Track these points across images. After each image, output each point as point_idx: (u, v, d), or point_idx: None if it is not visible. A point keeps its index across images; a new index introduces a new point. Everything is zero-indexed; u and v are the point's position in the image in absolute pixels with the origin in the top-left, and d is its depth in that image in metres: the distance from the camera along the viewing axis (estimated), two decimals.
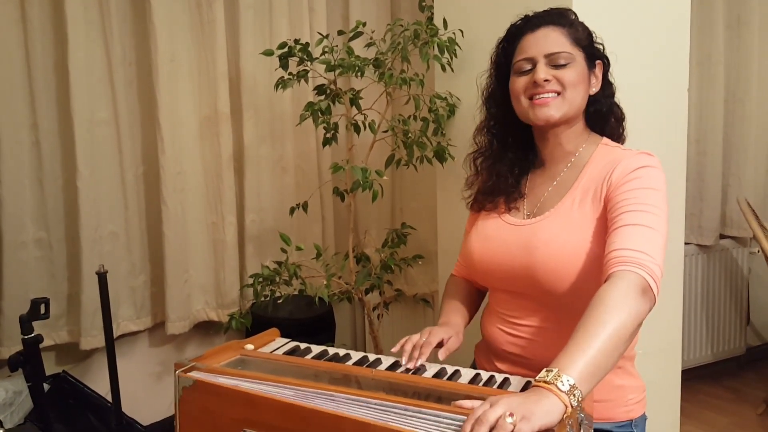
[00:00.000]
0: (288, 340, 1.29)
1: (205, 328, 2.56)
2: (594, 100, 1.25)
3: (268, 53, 2.04)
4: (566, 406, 0.85)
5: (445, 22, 1.99)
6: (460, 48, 1.98)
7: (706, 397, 3.01)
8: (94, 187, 2.25)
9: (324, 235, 2.68)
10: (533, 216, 1.24)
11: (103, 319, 1.91)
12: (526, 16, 1.26)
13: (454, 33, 1.97)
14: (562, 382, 0.87)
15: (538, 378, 0.89)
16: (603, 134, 1.28)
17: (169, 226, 2.35)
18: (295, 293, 2.17)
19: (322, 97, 2.09)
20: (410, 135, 2.06)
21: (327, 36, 2.03)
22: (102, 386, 2.24)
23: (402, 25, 2.00)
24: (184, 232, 2.40)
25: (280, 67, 2.03)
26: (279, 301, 2.11)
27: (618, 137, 1.30)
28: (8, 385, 2.11)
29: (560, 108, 1.19)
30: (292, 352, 1.23)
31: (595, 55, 1.25)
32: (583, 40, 1.22)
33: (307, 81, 2.12)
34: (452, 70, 2.02)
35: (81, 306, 2.25)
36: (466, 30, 1.98)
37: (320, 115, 2.04)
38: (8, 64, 2.14)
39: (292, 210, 2.27)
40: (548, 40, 1.19)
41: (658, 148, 1.44)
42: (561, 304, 1.16)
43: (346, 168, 1.97)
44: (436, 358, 1.20)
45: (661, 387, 1.97)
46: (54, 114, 2.22)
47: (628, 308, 0.96)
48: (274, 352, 1.23)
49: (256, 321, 2.23)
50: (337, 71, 2.01)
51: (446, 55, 1.98)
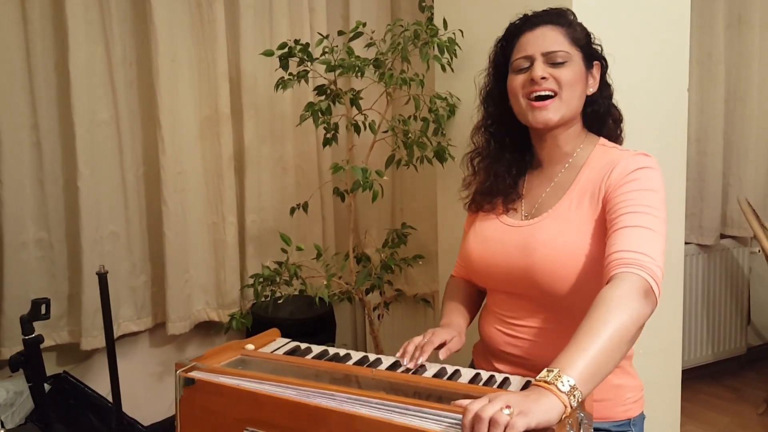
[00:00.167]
0: (288, 340, 1.29)
1: (205, 329, 2.56)
2: (591, 100, 1.25)
3: (269, 53, 2.04)
4: (566, 407, 0.85)
5: (445, 23, 1.99)
6: (460, 48, 1.98)
7: (706, 397, 3.01)
8: (94, 187, 2.25)
9: (324, 235, 2.68)
10: (531, 217, 1.24)
11: (104, 319, 1.92)
12: (525, 15, 1.26)
13: (453, 33, 1.97)
14: (562, 382, 0.87)
15: (538, 378, 0.89)
16: (600, 135, 1.28)
17: (170, 226, 2.35)
18: (296, 293, 2.17)
19: (323, 98, 2.09)
20: (410, 135, 2.06)
21: (327, 36, 2.03)
22: (103, 386, 2.24)
23: (402, 26, 2.00)
24: (185, 232, 2.40)
25: (280, 67, 2.03)
26: (279, 302, 2.11)
27: (616, 138, 1.30)
28: (9, 386, 2.11)
29: (558, 111, 1.19)
30: (293, 352, 1.23)
31: (593, 56, 1.25)
32: (581, 40, 1.22)
33: (307, 81, 2.12)
34: (452, 70, 2.02)
35: (82, 306, 2.25)
36: (466, 30, 1.98)
37: (320, 116, 2.04)
38: (9, 65, 2.14)
39: (292, 210, 2.27)
40: (546, 39, 1.20)
41: (658, 148, 1.44)
42: (559, 305, 1.16)
43: (347, 168, 1.97)
44: (436, 358, 1.20)
45: (662, 387, 1.97)
46: (54, 114, 2.22)
47: (630, 310, 0.96)
48: (275, 352, 1.23)
49: (256, 321, 2.23)
50: (338, 71, 2.01)
51: (446, 55, 1.98)
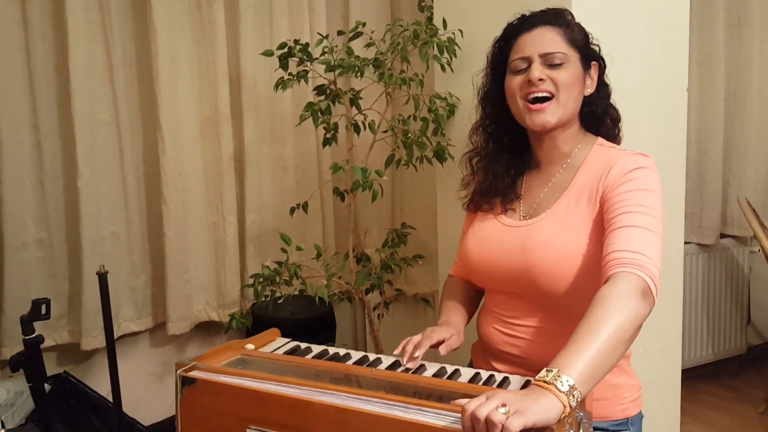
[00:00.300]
0: (288, 339, 1.29)
1: (205, 329, 2.56)
2: (589, 101, 1.25)
3: (268, 54, 2.04)
4: (565, 406, 0.85)
5: (444, 23, 1.99)
6: (459, 48, 1.99)
7: (707, 397, 3.02)
8: (95, 187, 2.25)
9: (324, 235, 2.68)
10: (529, 217, 1.24)
11: (104, 319, 1.92)
12: (523, 15, 1.26)
13: (453, 33, 1.97)
14: (561, 382, 0.87)
15: (537, 377, 0.89)
16: (599, 134, 1.28)
17: (170, 226, 2.35)
18: (296, 293, 2.17)
19: (322, 98, 2.09)
20: (410, 135, 2.06)
21: (327, 36, 2.04)
22: (103, 387, 2.24)
23: (402, 26, 2.00)
24: (185, 232, 2.41)
25: (280, 67, 2.04)
26: (279, 301, 2.11)
27: (614, 138, 1.30)
28: (9, 386, 2.11)
29: (555, 113, 1.19)
30: (293, 351, 1.23)
31: (591, 56, 1.25)
32: (579, 41, 1.22)
33: (307, 81, 2.12)
34: (452, 70, 2.02)
35: (82, 306, 2.25)
36: (466, 30, 1.98)
37: (320, 116, 2.04)
38: (9, 65, 2.14)
39: (292, 210, 2.27)
40: (544, 40, 1.20)
41: (657, 148, 1.44)
42: (557, 305, 1.17)
43: (346, 168, 1.97)
44: (436, 356, 1.20)
45: (661, 386, 1.97)
46: (55, 115, 2.23)
47: (628, 310, 0.96)
48: (275, 352, 1.23)
49: (256, 321, 2.23)
50: (337, 71, 2.02)
51: (446, 55, 1.98)
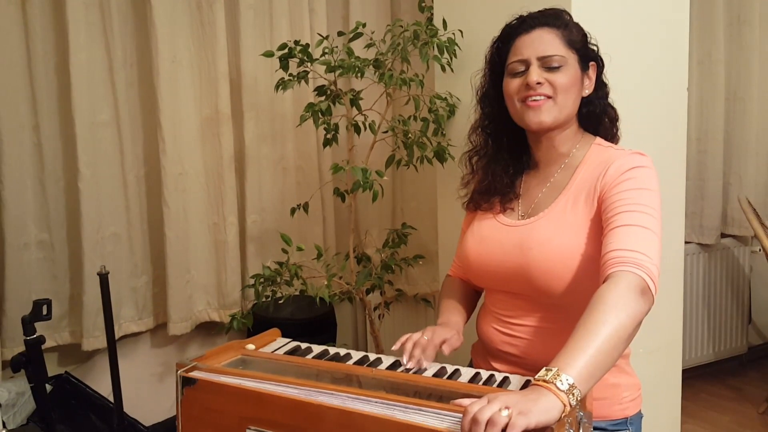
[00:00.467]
0: (289, 340, 1.29)
1: (206, 329, 2.56)
2: (587, 101, 1.25)
3: (269, 54, 2.04)
4: (565, 405, 0.85)
5: (444, 23, 1.99)
6: (459, 48, 1.99)
7: (708, 396, 3.01)
8: (95, 188, 2.25)
9: (325, 235, 2.68)
10: (528, 217, 1.25)
11: (105, 320, 1.92)
12: (521, 16, 1.26)
13: (453, 33, 1.98)
14: (561, 381, 0.87)
15: (537, 377, 0.90)
16: (597, 134, 1.28)
17: (171, 226, 2.36)
18: (296, 293, 2.17)
19: (323, 98, 2.09)
20: (410, 135, 2.06)
21: (327, 37, 2.04)
22: (104, 387, 2.24)
23: (402, 26, 2.00)
24: (186, 232, 2.41)
25: (280, 68, 2.04)
26: (280, 302, 2.11)
27: (612, 137, 1.30)
28: (11, 386, 2.12)
29: (551, 113, 1.19)
30: (293, 351, 1.23)
31: (589, 57, 1.25)
32: (577, 42, 1.22)
33: (307, 82, 2.12)
34: (452, 70, 2.02)
35: (83, 307, 2.26)
36: (466, 30, 1.98)
37: (320, 116, 2.04)
38: (10, 66, 2.15)
39: (292, 210, 2.27)
40: (542, 42, 1.19)
41: (657, 148, 1.44)
42: (555, 304, 1.17)
43: (347, 168, 1.97)
44: (437, 356, 1.21)
45: (662, 386, 1.97)
46: (55, 115, 2.23)
47: (627, 308, 0.96)
48: (275, 352, 1.23)
49: (257, 321, 2.24)
50: (338, 72, 2.02)
51: (446, 55, 1.98)
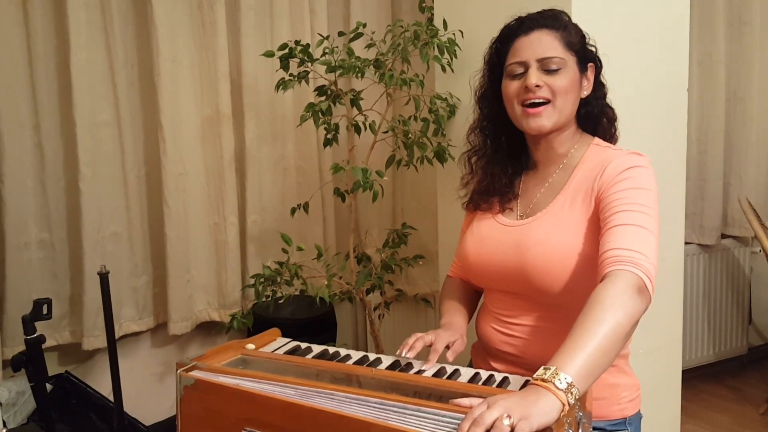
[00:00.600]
0: (289, 339, 1.29)
1: (207, 329, 2.56)
2: (585, 102, 1.25)
3: (269, 54, 2.05)
4: (564, 405, 0.85)
5: (445, 23, 1.99)
6: (459, 49, 1.99)
7: (708, 397, 3.01)
8: (96, 188, 2.25)
9: (325, 235, 2.68)
10: (526, 217, 1.25)
11: (105, 319, 1.92)
12: (520, 17, 1.25)
13: (453, 34, 1.98)
14: (559, 380, 0.87)
15: (535, 376, 0.90)
16: (595, 134, 1.28)
17: (171, 226, 2.36)
18: (297, 293, 2.17)
19: (323, 98, 2.09)
20: (410, 135, 2.06)
21: (327, 37, 2.04)
22: (104, 386, 2.24)
23: (402, 26, 2.00)
24: (186, 232, 2.41)
25: (281, 68, 2.04)
26: (280, 302, 2.12)
27: (610, 137, 1.30)
28: (11, 386, 2.12)
29: (551, 117, 1.19)
30: (293, 351, 1.23)
31: (588, 58, 1.24)
32: (576, 43, 1.22)
33: (307, 82, 2.12)
34: (452, 70, 2.02)
35: (83, 306, 2.26)
36: (466, 31, 1.98)
37: (321, 116, 2.04)
38: (10, 66, 2.15)
39: (293, 210, 2.27)
40: (541, 44, 1.19)
41: (658, 148, 1.44)
42: (554, 304, 1.17)
43: (347, 168, 1.97)
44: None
45: (662, 386, 1.97)
46: (56, 115, 2.23)
47: (624, 307, 0.97)
48: (275, 352, 1.23)
49: (257, 321, 2.24)
50: (338, 72, 2.02)
51: (446, 55, 1.98)
